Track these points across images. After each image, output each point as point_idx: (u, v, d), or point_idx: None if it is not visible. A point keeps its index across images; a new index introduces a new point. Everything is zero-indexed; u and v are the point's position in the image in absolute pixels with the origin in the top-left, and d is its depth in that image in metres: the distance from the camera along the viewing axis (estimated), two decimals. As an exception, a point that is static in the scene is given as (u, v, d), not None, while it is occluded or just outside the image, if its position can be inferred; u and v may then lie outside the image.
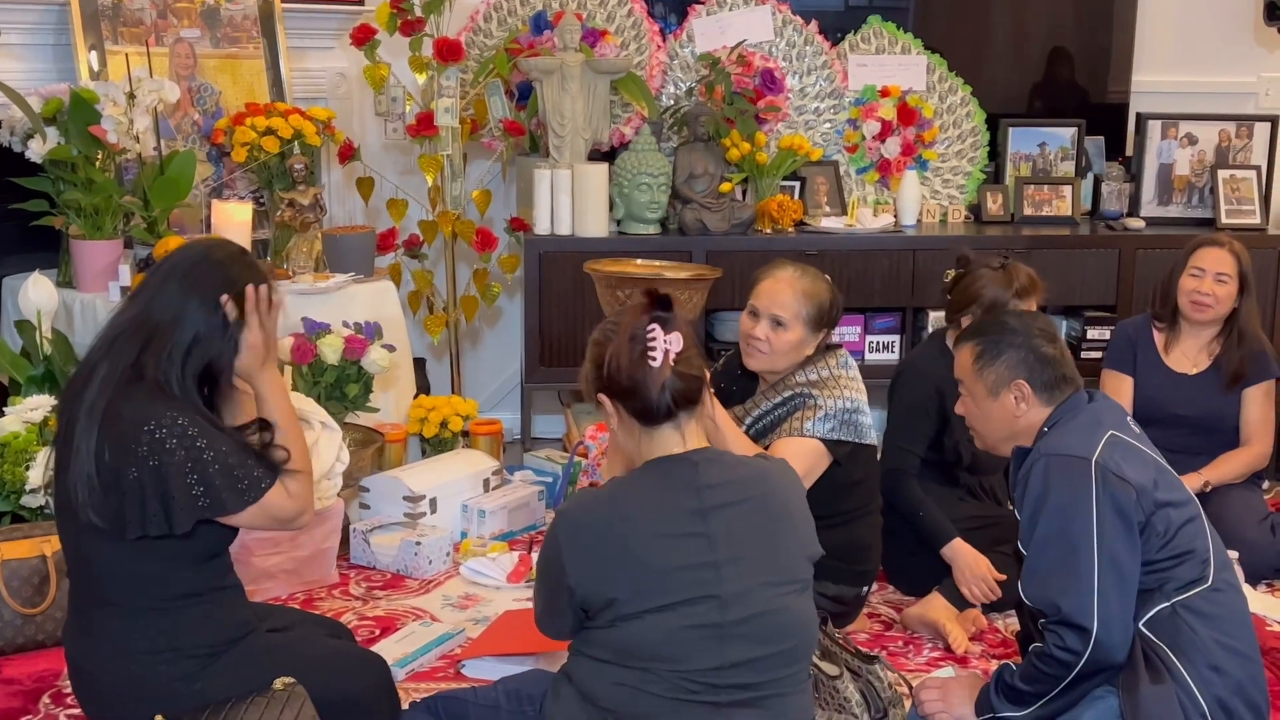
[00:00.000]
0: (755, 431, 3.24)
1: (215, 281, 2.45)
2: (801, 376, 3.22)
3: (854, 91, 5.03)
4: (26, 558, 3.15)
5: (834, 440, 3.17)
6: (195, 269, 2.46)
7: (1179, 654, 2.44)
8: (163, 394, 2.39)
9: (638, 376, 2.24)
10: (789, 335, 3.17)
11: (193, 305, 2.43)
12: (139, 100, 3.93)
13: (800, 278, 3.20)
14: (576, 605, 2.24)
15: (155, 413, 2.36)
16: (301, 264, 4.30)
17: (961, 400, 2.77)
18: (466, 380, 5.04)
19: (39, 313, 3.70)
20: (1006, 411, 2.66)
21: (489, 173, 4.97)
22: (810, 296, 3.17)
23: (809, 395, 3.18)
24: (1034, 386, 2.64)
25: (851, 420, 3.18)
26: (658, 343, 2.23)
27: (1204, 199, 5.05)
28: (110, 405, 2.38)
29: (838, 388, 3.19)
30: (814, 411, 3.16)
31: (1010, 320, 2.74)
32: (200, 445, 2.37)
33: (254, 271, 2.51)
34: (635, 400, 2.26)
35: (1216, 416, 3.93)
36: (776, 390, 3.24)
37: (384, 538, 3.83)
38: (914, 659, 3.27)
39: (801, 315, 3.17)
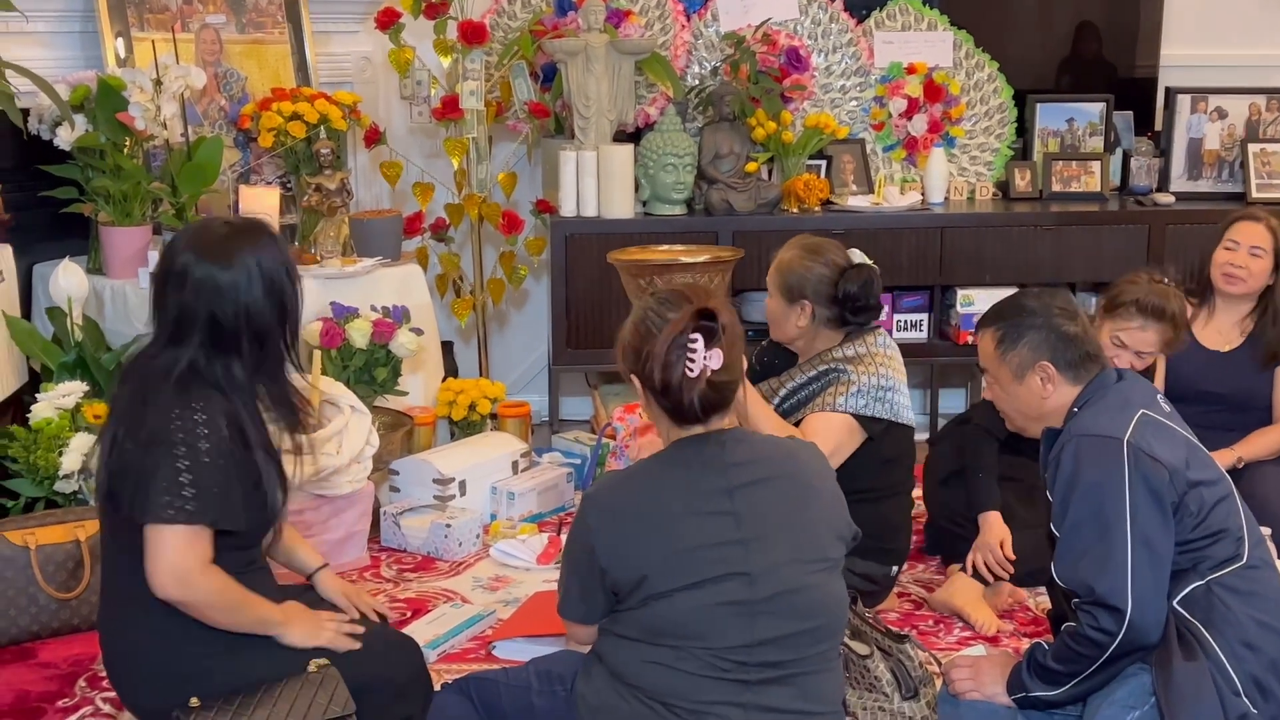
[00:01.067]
0: (789, 405, 3.26)
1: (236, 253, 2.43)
2: (838, 352, 3.23)
3: (880, 69, 5.00)
4: (61, 543, 3.18)
5: (867, 416, 3.17)
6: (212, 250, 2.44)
7: (1213, 631, 2.42)
8: (208, 388, 2.40)
9: (672, 382, 2.23)
10: (770, 305, 3.29)
11: (244, 280, 2.41)
12: (166, 87, 3.95)
13: (786, 249, 3.29)
14: (608, 587, 2.25)
15: (184, 403, 2.37)
16: (329, 248, 4.31)
17: (988, 386, 2.75)
18: (494, 363, 5.05)
19: (69, 299, 3.72)
20: (1033, 394, 2.64)
21: (514, 155, 4.97)
22: (780, 266, 3.27)
23: (843, 370, 3.19)
24: (1059, 366, 2.62)
25: (885, 398, 3.18)
26: (697, 356, 2.22)
27: (1234, 173, 5.01)
28: (139, 393, 2.40)
29: (873, 364, 3.19)
30: (846, 387, 3.17)
31: (1029, 301, 2.71)
32: (202, 448, 2.34)
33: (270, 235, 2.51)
34: (667, 400, 2.26)
35: (1249, 393, 3.90)
36: (812, 365, 3.26)
37: (414, 520, 3.84)
38: (945, 638, 3.27)
39: (775, 284, 3.27)
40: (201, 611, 2.40)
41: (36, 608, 3.16)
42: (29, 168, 3.97)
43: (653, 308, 2.31)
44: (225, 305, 2.40)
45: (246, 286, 2.41)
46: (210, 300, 2.40)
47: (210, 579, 2.38)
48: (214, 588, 2.39)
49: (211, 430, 2.36)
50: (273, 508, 2.52)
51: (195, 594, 2.37)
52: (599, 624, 2.34)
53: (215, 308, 2.40)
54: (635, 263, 3.90)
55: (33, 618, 3.17)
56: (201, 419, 2.36)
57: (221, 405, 2.40)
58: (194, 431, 2.35)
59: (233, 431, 2.40)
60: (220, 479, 2.36)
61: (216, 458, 2.36)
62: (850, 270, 3.24)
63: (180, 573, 2.35)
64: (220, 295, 2.40)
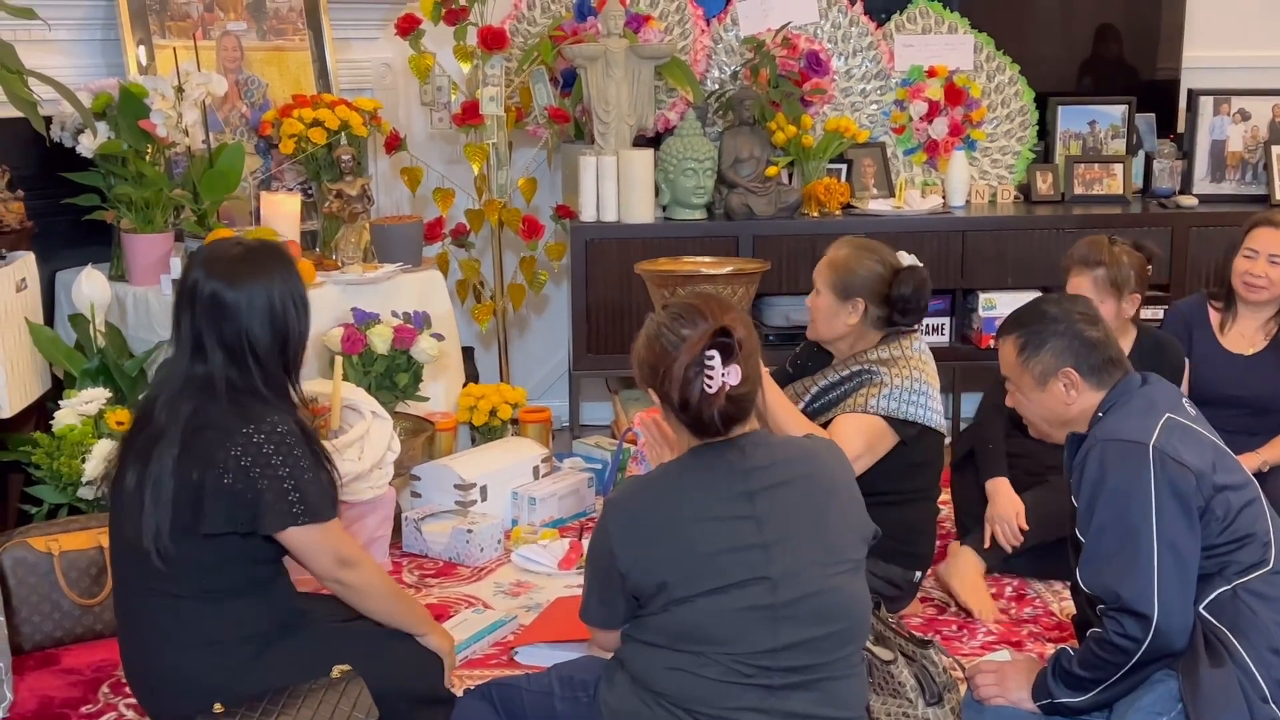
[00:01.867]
0: (820, 405, 3.26)
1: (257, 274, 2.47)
2: (872, 354, 3.22)
3: (900, 72, 4.99)
4: (84, 549, 3.19)
5: (899, 419, 3.16)
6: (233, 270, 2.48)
7: (1239, 636, 2.40)
8: (258, 400, 2.44)
9: (691, 400, 2.23)
10: (819, 300, 3.26)
11: (245, 303, 2.45)
12: (187, 94, 3.96)
13: (839, 247, 3.28)
14: (628, 592, 2.24)
15: (253, 417, 2.41)
16: (350, 254, 4.32)
17: (1010, 393, 2.73)
18: (515, 368, 5.05)
19: (92, 306, 3.73)
20: (1057, 400, 2.63)
21: (534, 160, 4.98)
22: (835, 264, 3.23)
23: (875, 372, 3.19)
24: (1082, 373, 2.60)
25: (919, 401, 3.17)
26: (715, 374, 2.21)
27: (1258, 175, 4.98)
28: (197, 414, 2.42)
29: (907, 367, 3.19)
30: (879, 389, 3.16)
31: (1049, 308, 2.69)
32: (297, 453, 2.42)
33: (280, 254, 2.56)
34: (686, 415, 2.26)
35: (1272, 397, 3.87)
36: (845, 365, 3.26)
37: (436, 526, 3.85)
38: (969, 643, 3.25)
39: (830, 282, 3.23)
40: (365, 595, 2.56)
41: (60, 614, 3.17)
42: (51, 175, 3.98)
43: (666, 324, 2.28)
44: (227, 326, 2.44)
45: (248, 311, 2.44)
46: (215, 318, 2.44)
47: (370, 562, 2.58)
48: (374, 571, 2.60)
49: (289, 431, 2.43)
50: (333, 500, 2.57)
51: (364, 575, 2.54)
52: (621, 629, 2.34)
53: (220, 327, 2.44)
54: (662, 273, 3.90)
55: (56, 624, 3.17)
56: (283, 429, 2.42)
57: (286, 411, 2.46)
58: (283, 441, 2.41)
59: (304, 433, 2.48)
60: (321, 476, 2.48)
61: (303, 457, 2.44)
62: (904, 271, 3.23)
63: (341, 557, 2.50)
64: (224, 315, 2.44)
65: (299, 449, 2.42)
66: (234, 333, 2.44)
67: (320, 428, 3.59)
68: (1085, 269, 3.63)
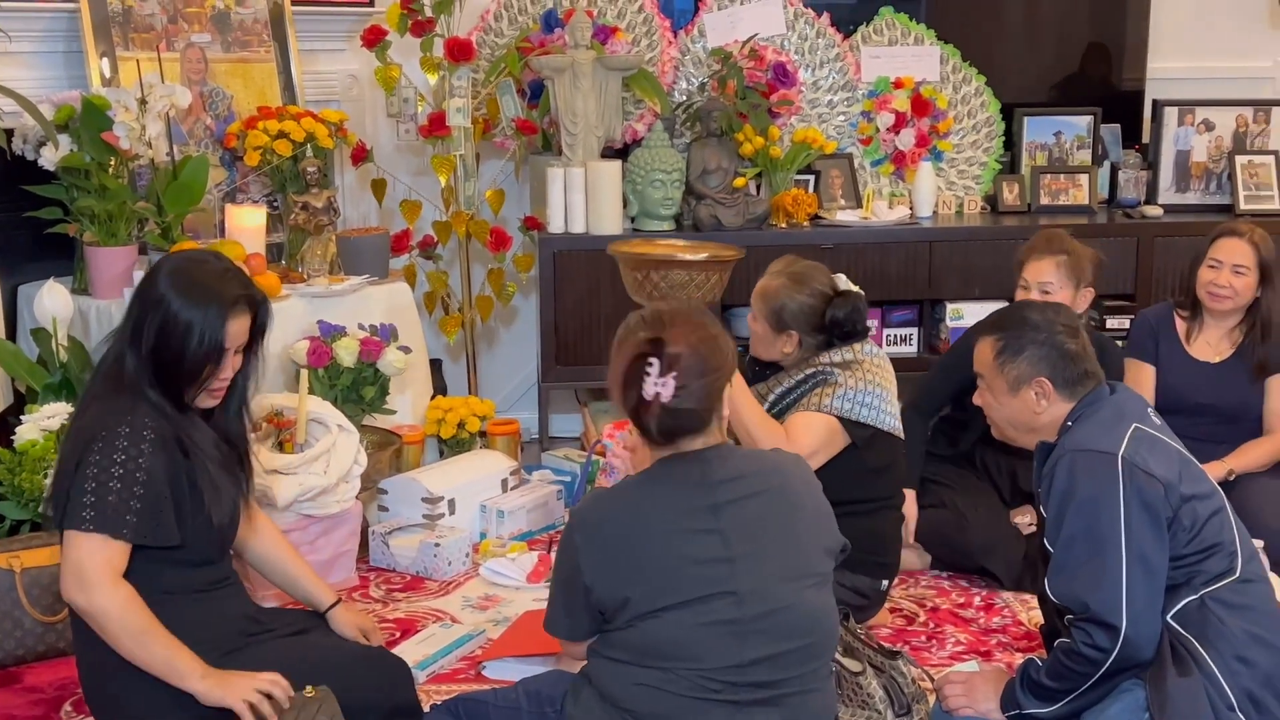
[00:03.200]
0: (777, 410, 3.27)
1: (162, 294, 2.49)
2: (826, 358, 3.23)
3: (867, 83, 5.00)
4: (46, 566, 3.15)
5: (852, 420, 3.16)
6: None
7: (1207, 646, 2.41)
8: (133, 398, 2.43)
9: (629, 402, 2.24)
10: (755, 330, 3.32)
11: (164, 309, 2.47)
12: (151, 106, 3.93)
13: (773, 277, 3.30)
14: (593, 606, 2.23)
15: (115, 412, 2.41)
16: (316, 266, 4.30)
17: (980, 392, 2.74)
18: (483, 380, 5.03)
19: (55, 320, 3.70)
20: (1026, 408, 2.63)
21: (502, 172, 4.96)
22: (766, 295, 3.28)
23: (830, 374, 3.20)
24: (1055, 384, 2.60)
25: (872, 404, 3.18)
26: (650, 382, 2.21)
27: (1222, 185, 5.01)
28: (87, 405, 2.46)
29: (861, 371, 3.20)
30: (833, 389, 3.17)
31: (1032, 314, 2.69)
32: (119, 459, 2.37)
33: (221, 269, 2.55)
34: (633, 422, 2.27)
35: (1240, 405, 3.90)
36: (799, 369, 3.26)
37: (403, 539, 3.82)
38: (937, 654, 3.25)
39: (761, 311, 3.29)
40: (104, 627, 2.37)
41: (22, 631, 3.13)
42: (13, 188, 3.95)
43: (631, 324, 2.30)
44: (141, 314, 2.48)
45: (161, 311, 2.46)
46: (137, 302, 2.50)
47: (116, 592, 2.36)
48: (118, 601, 2.36)
49: (131, 443, 2.38)
50: (219, 523, 2.51)
51: (96, 601, 2.35)
52: (588, 643, 2.33)
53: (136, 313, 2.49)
54: (635, 255, 3.88)
55: (18, 641, 3.14)
56: (124, 430, 2.39)
57: (153, 415, 2.42)
58: (113, 444, 2.38)
59: (163, 443, 2.41)
60: (138, 493, 2.37)
61: (133, 471, 2.37)
62: (837, 298, 3.25)
63: (81, 575, 2.35)
64: (144, 304, 2.48)
65: (128, 454, 2.37)
66: (137, 324, 2.47)
67: (285, 442, 3.57)
68: (1049, 254, 3.71)
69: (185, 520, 2.46)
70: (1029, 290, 3.74)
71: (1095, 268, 3.77)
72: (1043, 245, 3.77)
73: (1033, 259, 3.76)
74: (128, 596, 2.37)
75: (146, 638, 2.38)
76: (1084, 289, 3.75)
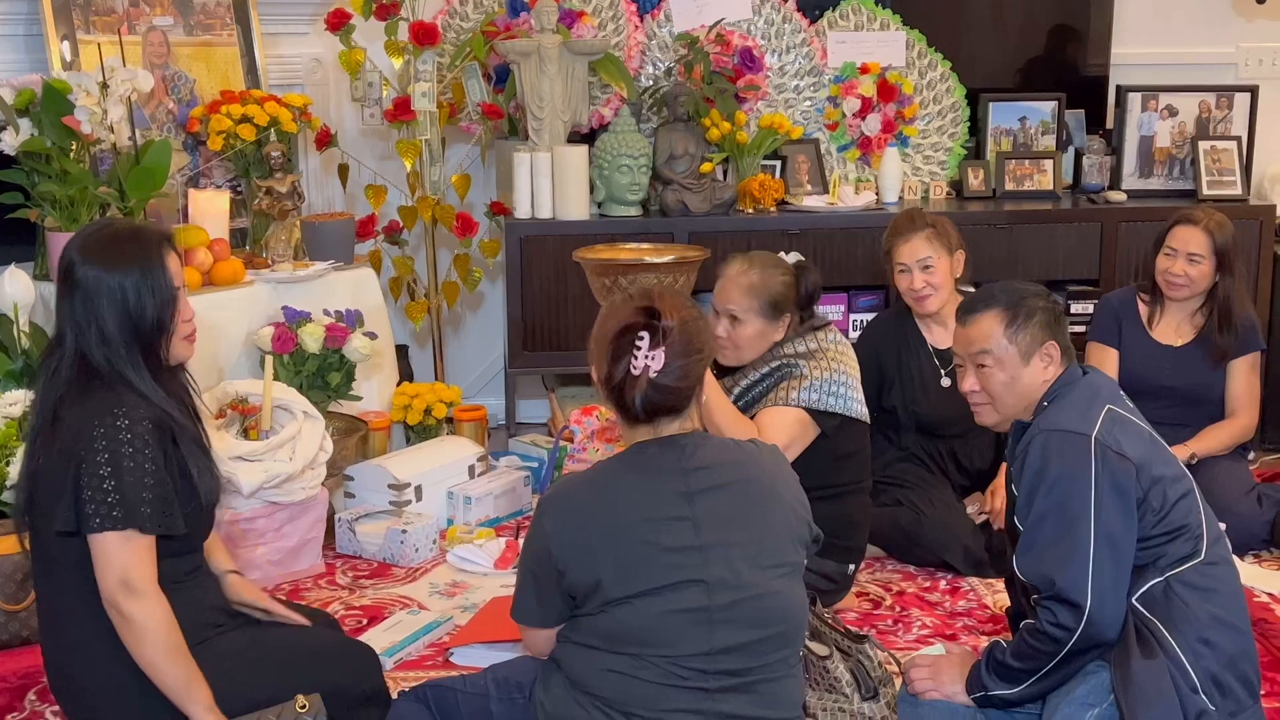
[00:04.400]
0: (743, 404, 3.26)
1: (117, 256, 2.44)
2: (790, 348, 3.23)
3: (834, 69, 5.01)
4: (9, 554, 3.13)
5: (820, 411, 3.17)
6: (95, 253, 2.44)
7: (1171, 628, 2.43)
8: (107, 389, 2.38)
9: (615, 376, 2.23)
10: (746, 330, 3.22)
11: (104, 287, 2.42)
12: (112, 90, 3.89)
13: (747, 271, 3.23)
14: (565, 591, 2.23)
15: (100, 409, 2.35)
16: (280, 252, 4.27)
17: (980, 373, 2.65)
18: (450, 366, 5.02)
19: (16, 306, 3.66)
20: (1035, 377, 2.60)
21: (468, 157, 4.94)
22: (756, 289, 3.21)
23: (796, 366, 3.20)
24: (1062, 347, 2.61)
25: (839, 393, 3.18)
26: (640, 355, 2.20)
27: (1185, 171, 5.04)
28: (55, 404, 2.40)
29: (826, 360, 3.20)
30: (800, 381, 3.17)
31: (1019, 285, 2.69)
32: (127, 451, 2.33)
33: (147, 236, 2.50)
34: (613, 399, 2.26)
35: (1202, 388, 3.93)
36: (765, 361, 3.25)
37: (370, 526, 3.81)
38: (904, 637, 3.27)
39: (753, 308, 3.21)
40: (140, 637, 2.34)
41: (-16, 620, 3.11)
42: (-27, 173, 3.90)
43: (618, 301, 2.32)
44: (78, 306, 2.42)
45: (97, 292, 2.41)
46: (69, 297, 2.43)
47: (160, 603, 2.34)
48: (161, 614, 2.34)
49: (134, 434, 2.34)
50: (208, 505, 2.49)
51: (145, 610, 2.32)
52: (557, 630, 2.32)
53: (72, 306, 2.42)
54: (601, 262, 3.88)
55: (-20, 631, 3.11)
56: (124, 424, 2.34)
57: (141, 405, 2.38)
58: (116, 437, 2.33)
59: (158, 431, 2.38)
60: (150, 484, 2.34)
61: (142, 462, 2.34)
62: (799, 269, 3.29)
63: (129, 582, 2.32)
64: (75, 294, 2.42)
65: (134, 446, 2.33)
66: (85, 314, 2.41)
67: (250, 429, 3.55)
68: (916, 231, 3.78)
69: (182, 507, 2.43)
70: (909, 273, 3.78)
71: (957, 232, 3.85)
72: (906, 225, 3.83)
73: (901, 241, 3.80)
74: (168, 610, 2.35)
75: (176, 656, 2.36)
76: (957, 253, 3.82)
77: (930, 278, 3.76)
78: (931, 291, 3.77)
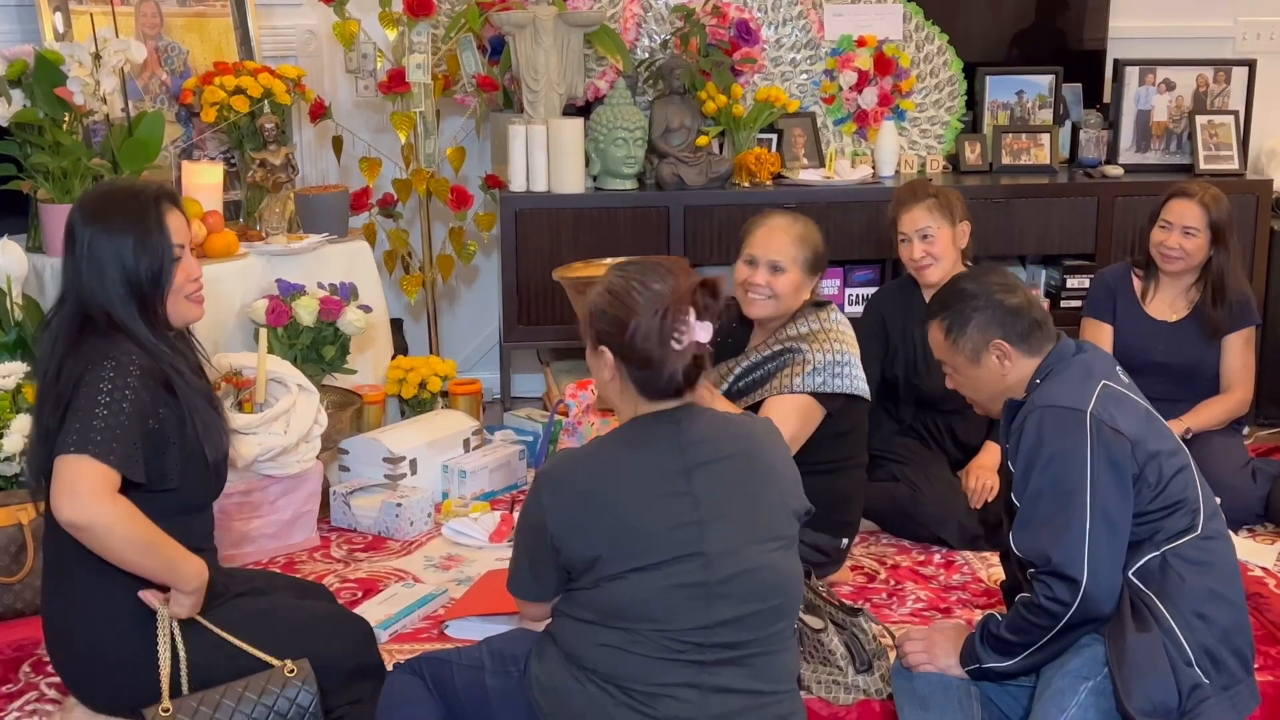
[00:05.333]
0: (745, 385, 3.25)
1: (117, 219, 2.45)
2: (792, 330, 3.23)
3: (830, 42, 4.98)
4: (4, 526, 3.12)
5: (826, 393, 3.16)
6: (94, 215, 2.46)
7: (1166, 602, 2.44)
8: (105, 340, 2.39)
9: (656, 355, 2.20)
10: (788, 278, 3.23)
11: (102, 247, 2.43)
12: (105, 61, 3.86)
13: (794, 224, 3.28)
14: (561, 566, 2.23)
15: (95, 356, 2.36)
16: (274, 225, 4.26)
17: (949, 376, 2.76)
18: (444, 340, 5.01)
19: (9, 278, 3.65)
20: (993, 373, 2.65)
21: (463, 129, 4.92)
22: (805, 241, 3.25)
23: (797, 350, 3.19)
24: (1011, 341, 2.62)
25: (841, 373, 3.18)
26: (688, 330, 2.19)
27: (1182, 145, 5.03)
28: (58, 360, 2.41)
29: (827, 340, 3.20)
30: (803, 366, 3.16)
31: (966, 285, 2.72)
32: (104, 389, 2.33)
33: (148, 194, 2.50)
34: (646, 373, 2.22)
35: (1196, 363, 3.93)
36: (766, 345, 3.25)
37: (364, 500, 3.81)
38: (898, 610, 3.27)
39: (799, 260, 3.23)
40: (104, 541, 2.28)
41: (-21, 593, 3.11)
42: (-35, 145, 3.88)
43: (636, 278, 2.24)
44: (78, 262, 2.44)
45: (93, 247, 2.43)
46: (69, 254, 2.45)
47: (115, 505, 2.28)
48: (119, 513, 2.28)
49: (118, 374, 2.34)
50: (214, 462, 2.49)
51: (93, 513, 2.26)
52: (548, 606, 2.32)
53: (72, 263, 2.44)
54: (578, 280, 3.85)
55: (-25, 603, 3.11)
56: (109, 364, 2.35)
57: (135, 353, 2.38)
58: (98, 375, 2.34)
59: (149, 379, 2.37)
60: (122, 421, 2.32)
61: (119, 401, 2.32)
62: None
63: (74, 491, 2.26)
64: (73, 250, 2.45)
65: (113, 384, 2.33)
66: (86, 274, 2.42)
67: (245, 402, 3.54)
68: (918, 201, 3.80)
69: (177, 461, 2.42)
70: (910, 242, 3.79)
71: (962, 203, 3.85)
72: (908, 195, 3.84)
73: (903, 211, 3.80)
74: (128, 510, 2.30)
75: (149, 547, 2.32)
76: (960, 223, 3.83)
77: (930, 248, 3.76)
78: (931, 262, 3.76)
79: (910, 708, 2.61)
